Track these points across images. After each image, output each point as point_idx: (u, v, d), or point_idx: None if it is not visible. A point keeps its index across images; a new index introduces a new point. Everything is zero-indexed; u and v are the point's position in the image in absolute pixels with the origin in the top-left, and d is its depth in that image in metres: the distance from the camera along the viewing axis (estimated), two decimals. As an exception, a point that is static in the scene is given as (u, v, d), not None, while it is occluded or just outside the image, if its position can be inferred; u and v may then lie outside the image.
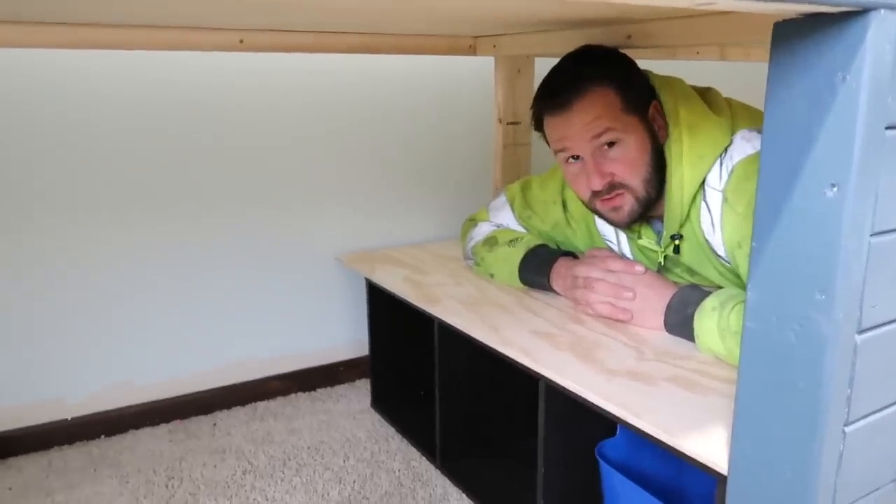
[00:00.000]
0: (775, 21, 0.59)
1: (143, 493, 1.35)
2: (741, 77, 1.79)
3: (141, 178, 1.51)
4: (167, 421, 1.62)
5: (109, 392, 1.57)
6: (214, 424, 1.62)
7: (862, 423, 0.64)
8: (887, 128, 0.56)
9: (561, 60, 1.13)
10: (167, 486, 1.37)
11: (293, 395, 1.76)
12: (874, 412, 0.65)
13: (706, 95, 1.12)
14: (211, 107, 1.55)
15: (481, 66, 1.78)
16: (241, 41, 1.25)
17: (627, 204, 1.09)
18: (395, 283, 1.42)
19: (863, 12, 0.53)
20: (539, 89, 1.14)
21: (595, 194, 1.09)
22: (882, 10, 0.53)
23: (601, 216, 1.16)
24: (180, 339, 1.62)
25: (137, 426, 1.59)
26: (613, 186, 1.07)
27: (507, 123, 1.60)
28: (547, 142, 1.16)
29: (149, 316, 1.58)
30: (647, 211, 1.11)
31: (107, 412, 1.57)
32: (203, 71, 1.52)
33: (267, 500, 1.33)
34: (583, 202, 1.17)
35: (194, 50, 1.24)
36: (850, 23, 0.54)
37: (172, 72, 1.49)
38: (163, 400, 1.62)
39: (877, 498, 0.68)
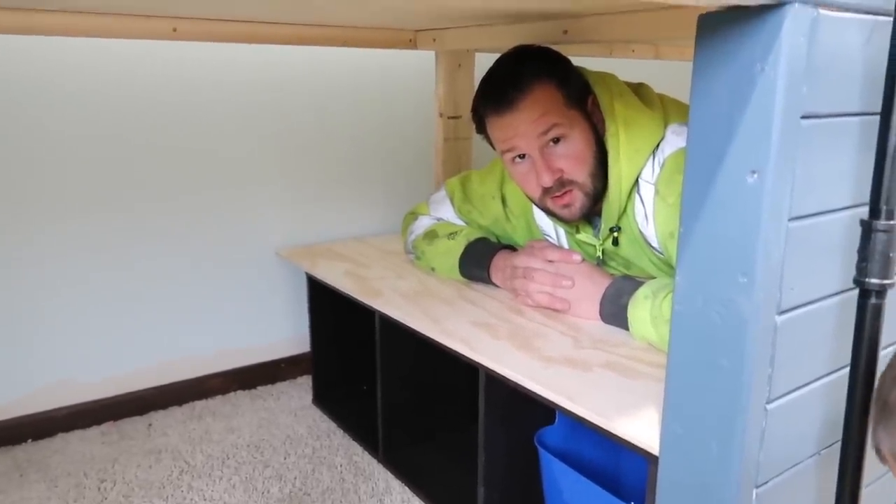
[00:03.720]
0: (699, 14, 0.61)
1: (74, 496, 1.30)
2: (676, 76, 1.84)
3: (73, 170, 1.46)
4: (99, 423, 1.57)
5: (37, 394, 1.50)
6: (150, 425, 1.58)
7: (783, 400, 0.66)
8: (803, 117, 0.59)
9: (498, 61, 1.14)
10: (99, 489, 1.32)
11: (232, 394, 1.73)
12: (794, 390, 0.68)
13: (639, 90, 1.15)
14: (146, 97, 1.51)
15: (422, 61, 1.78)
16: (175, 30, 1.22)
17: (578, 200, 1.10)
18: (337, 278, 1.41)
19: (779, 6, 0.56)
20: (480, 91, 1.14)
21: (546, 192, 1.10)
22: (796, 4, 0.55)
23: (552, 214, 1.17)
24: (113, 338, 1.57)
25: (67, 429, 1.53)
26: (563, 183, 1.09)
27: (448, 118, 1.61)
28: (490, 143, 1.16)
29: (79, 314, 1.52)
30: (596, 204, 1.13)
31: (34, 415, 1.50)
32: (138, 60, 1.48)
33: (205, 499, 1.30)
34: (532, 201, 1.18)
35: (125, 38, 1.21)
36: (767, 16, 0.56)
37: (107, 60, 1.44)
38: (94, 401, 1.57)
39: (798, 472, 0.72)
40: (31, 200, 1.43)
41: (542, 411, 1.09)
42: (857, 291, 0.61)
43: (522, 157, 1.10)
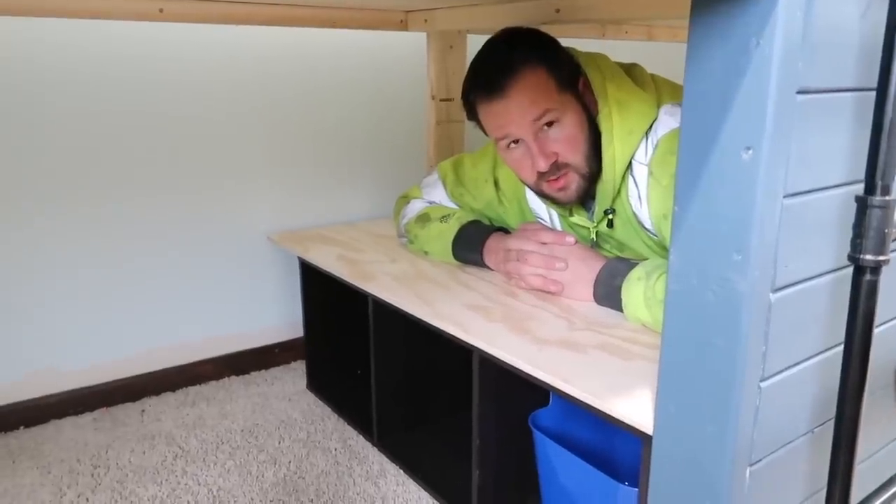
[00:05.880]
0: (694, -12, 0.60)
1: (67, 482, 1.30)
2: (669, 57, 1.83)
3: (61, 156, 1.44)
4: (92, 409, 1.56)
5: (29, 381, 1.50)
6: (143, 411, 1.57)
7: (776, 378, 0.66)
8: (798, 92, 0.58)
9: (486, 46, 1.12)
10: (93, 475, 1.32)
11: (226, 379, 1.73)
12: (788, 368, 0.67)
13: (631, 71, 1.14)
14: (134, 81, 1.49)
15: (414, 42, 1.76)
16: (161, 10, 1.20)
17: (574, 182, 1.10)
18: (329, 262, 1.40)
19: (775, -22, 0.55)
20: (469, 77, 1.12)
21: (541, 176, 1.09)
22: (793, -23, 0.55)
23: (549, 198, 1.16)
24: (106, 324, 1.56)
25: (60, 415, 1.53)
26: (558, 167, 1.08)
27: (440, 100, 1.60)
28: (482, 129, 1.15)
29: (71, 300, 1.51)
30: (591, 186, 1.12)
31: (26, 402, 1.50)
32: (125, 43, 1.46)
33: (199, 484, 1.30)
34: (528, 185, 1.17)
35: (112, 18, 1.19)
36: (763, -11, 0.55)
37: (93, 43, 1.42)
38: (87, 387, 1.56)
39: (791, 449, 0.72)
40: (19, 188, 1.41)
41: (536, 393, 1.09)
42: (851, 268, 0.61)
43: (516, 142, 1.09)
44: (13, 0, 1.12)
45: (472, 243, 1.29)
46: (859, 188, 0.60)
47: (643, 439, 0.77)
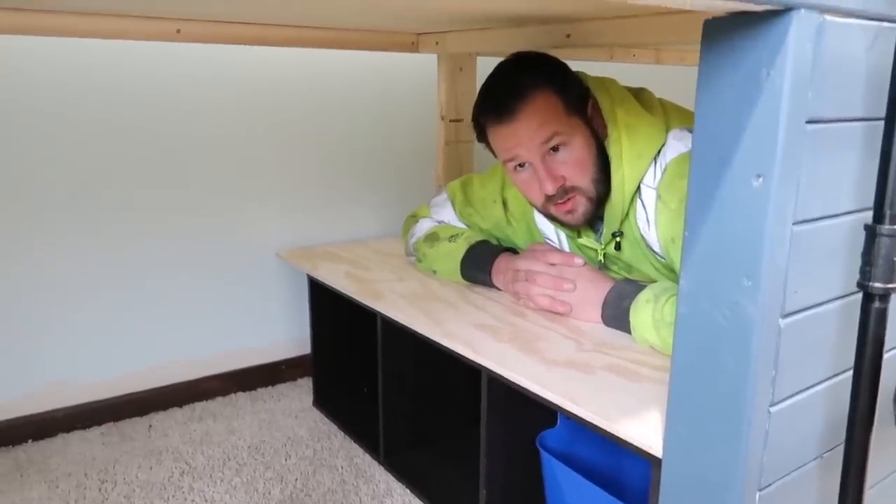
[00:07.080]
0: (705, 19, 0.62)
1: (75, 497, 1.30)
2: (676, 80, 1.85)
3: (73, 174, 1.46)
4: (99, 423, 1.57)
5: (37, 394, 1.50)
6: (150, 426, 1.57)
7: (786, 403, 0.67)
8: (808, 122, 0.59)
9: (497, 69, 1.14)
10: (100, 490, 1.32)
11: (233, 395, 1.73)
12: (797, 393, 0.68)
13: (640, 96, 1.16)
14: (146, 100, 1.51)
15: (424, 64, 1.79)
16: (178, 31, 1.22)
17: (581, 206, 1.11)
18: (338, 279, 1.41)
19: (785, 11, 0.56)
20: (480, 100, 1.14)
21: (549, 199, 1.11)
22: (802, 10, 0.56)
23: (556, 220, 1.17)
24: (114, 339, 1.57)
25: (67, 429, 1.53)
26: (566, 191, 1.09)
27: (450, 121, 1.62)
28: (492, 151, 1.16)
29: (80, 315, 1.52)
30: (599, 209, 1.14)
31: (34, 415, 1.50)
32: (137, 62, 1.48)
33: (206, 500, 1.30)
34: (536, 207, 1.18)
35: (129, 39, 1.21)
36: (773, 21, 0.57)
37: (107, 62, 1.45)
38: (95, 402, 1.57)
39: (801, 474, 0.72)
40: (30, 202, 1.43)
41: (544, 414, 1.09)
42: (860, 295, 0.62)
43: (524, 165, 1.11)
44: (30, 20, 1.14)
45: (480, 263, 1.29)
46: (868, 216, 0.61)
47: (652, 462, 0.77)
